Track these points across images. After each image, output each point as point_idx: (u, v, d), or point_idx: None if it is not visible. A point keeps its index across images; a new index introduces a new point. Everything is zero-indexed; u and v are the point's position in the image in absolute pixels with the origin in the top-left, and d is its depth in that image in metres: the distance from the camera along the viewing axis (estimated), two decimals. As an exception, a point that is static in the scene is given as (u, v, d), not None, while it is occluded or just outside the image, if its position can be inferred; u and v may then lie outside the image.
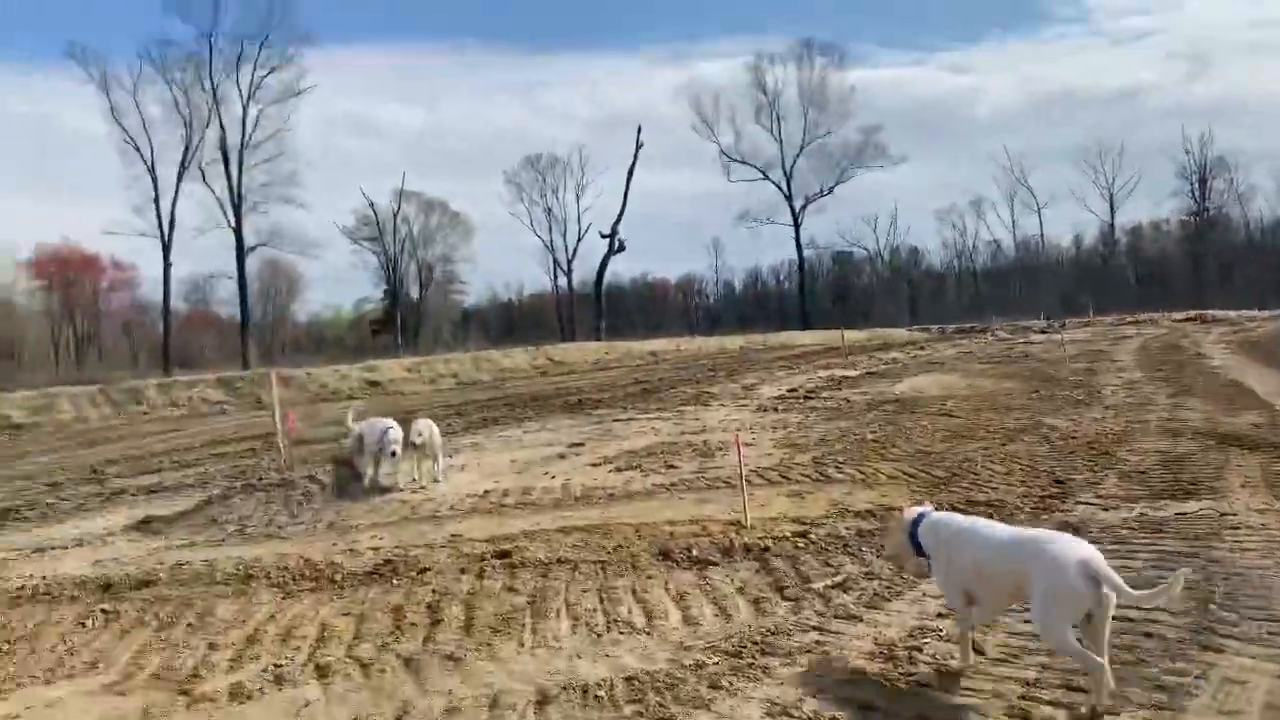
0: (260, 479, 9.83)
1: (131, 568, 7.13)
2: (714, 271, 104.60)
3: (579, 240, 77.83)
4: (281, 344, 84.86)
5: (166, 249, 52.97)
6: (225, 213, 53.58)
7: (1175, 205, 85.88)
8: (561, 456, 12.00)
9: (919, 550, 4.82)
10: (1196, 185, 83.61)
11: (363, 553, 7.35)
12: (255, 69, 54.09)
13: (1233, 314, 56.56)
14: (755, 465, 10.32)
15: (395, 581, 6.21)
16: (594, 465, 11.14)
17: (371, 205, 75.03)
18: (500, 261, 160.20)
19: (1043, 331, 47.21)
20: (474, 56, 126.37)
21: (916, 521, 4.85)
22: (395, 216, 77.29)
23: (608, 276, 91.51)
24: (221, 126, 53.38)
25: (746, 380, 22.82)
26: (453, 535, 7.73)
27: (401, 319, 79.75)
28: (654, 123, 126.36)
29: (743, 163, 78.76)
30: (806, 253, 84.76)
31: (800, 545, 6.72)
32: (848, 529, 7.30)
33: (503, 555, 6.62)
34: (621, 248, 66.75)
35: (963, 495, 8.29)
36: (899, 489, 8.78)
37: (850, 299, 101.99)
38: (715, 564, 6.34)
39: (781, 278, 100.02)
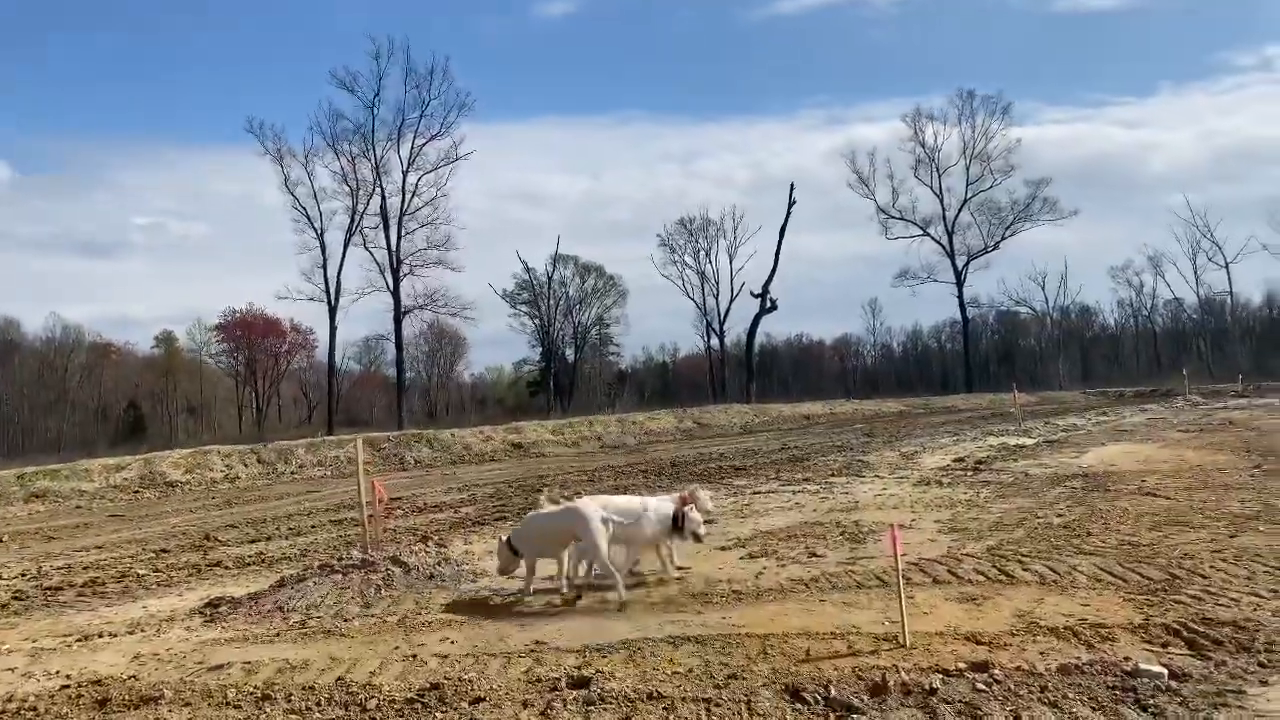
0: (340, 559, 8.84)
1: (169, 667, 6.14)
2: (871, 333, 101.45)
3: (731, 301, 76.49)
4: (445, 404, 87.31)
5: (333, 312, 54.95)
6: (384, 276, 55.28)
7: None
8: (688, 536, 10.53)
9: None
10: None
11: (426, 660, 6.11)
12: (415, 137, 56.11)
13: None
14: (917, 556, 8.57)
15: (439, 715, 4.90)
16: (723, 549, 9.62)
17: (527, 269, 76.38)
18: (657, 324, 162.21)
19: (1239, 395, 42.53)
20: (638, 127, 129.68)
21: None
22: (550, 280, 78.33)
23: (760, 338, 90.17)
24: (382, 193, 55.40)
25: (906, 447, 20.77)
26: (536, 642, 6.39)
27: (556, 380, 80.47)
28: (809, 185, 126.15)
29: (901, 219, 76.00)
30: (970, 313, 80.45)
31: (981, 685, 5.01)
32: (1043, 657, 5.54)
33: (580, 684, 5.19)
34: (773, 307, 65.09)
35: (1194, 610, 6.34)
36: (1105, 596, 6.88)
37: (1016, 360, 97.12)
38: (861, 712, 4.71)
39: (943, 339, 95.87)
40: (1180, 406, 33.91)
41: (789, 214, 66.05)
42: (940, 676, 5.11)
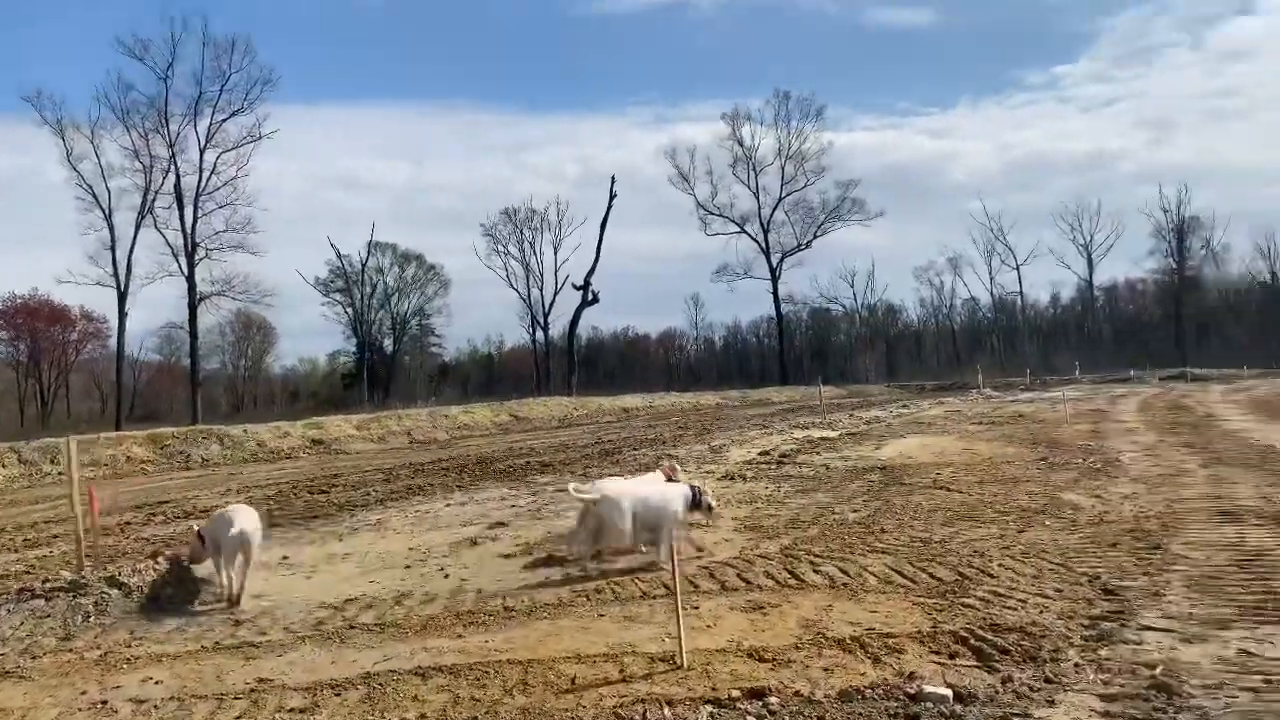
0: (46, 580, 7.48)
1: None
2: (694, 327, 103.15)
3: (555, 293, 75.79)
4: (253, 397, 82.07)
5: (122, 298, 50.44)
6: (178, 260, 51.19)
7: (1152, 264, 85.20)
8: (474, 542, 9.67)
9: None
10: (1174, 244, 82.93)
11: (117, 709, 5.02)
12: (215, 113, 52.24)
13: (1213, 372, 55.17)
14: (709, 559, 8.05)
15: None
16: (508, 556, 8.82)
17: (339, 256, 73.00)
18: (482, 315, 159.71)
19: (1027, 388, 45.44)
20: (463, 116, 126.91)
21: None
22: (364, 267, 75.16)
23: (586, 330, 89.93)
24: (177, 171, 51.30)
25: (716, 440, 20.58)
26: (260, 680, 5.39)
27: (373, 373, 77.29)
28: (636, 182, 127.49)
29: (720, 216, 77.48)
30: (785, 309, 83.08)
31: (755, 714, 4.43)
32: (827, 675, 5.04)
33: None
34: (595, 300, 64.83)
35: (982, 614, 6.03)
36: (894, 599, 6.52)
37: (828, 355, 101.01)
38: (615, 761, 4.03)
39: (761, 334, 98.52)
40: (974, 399, 35.73)
41: (610, 207, 66.07)
42: (710, 710, 4.50)
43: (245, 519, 7.56)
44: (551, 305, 77.28)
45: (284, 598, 7.57)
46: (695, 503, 8.23)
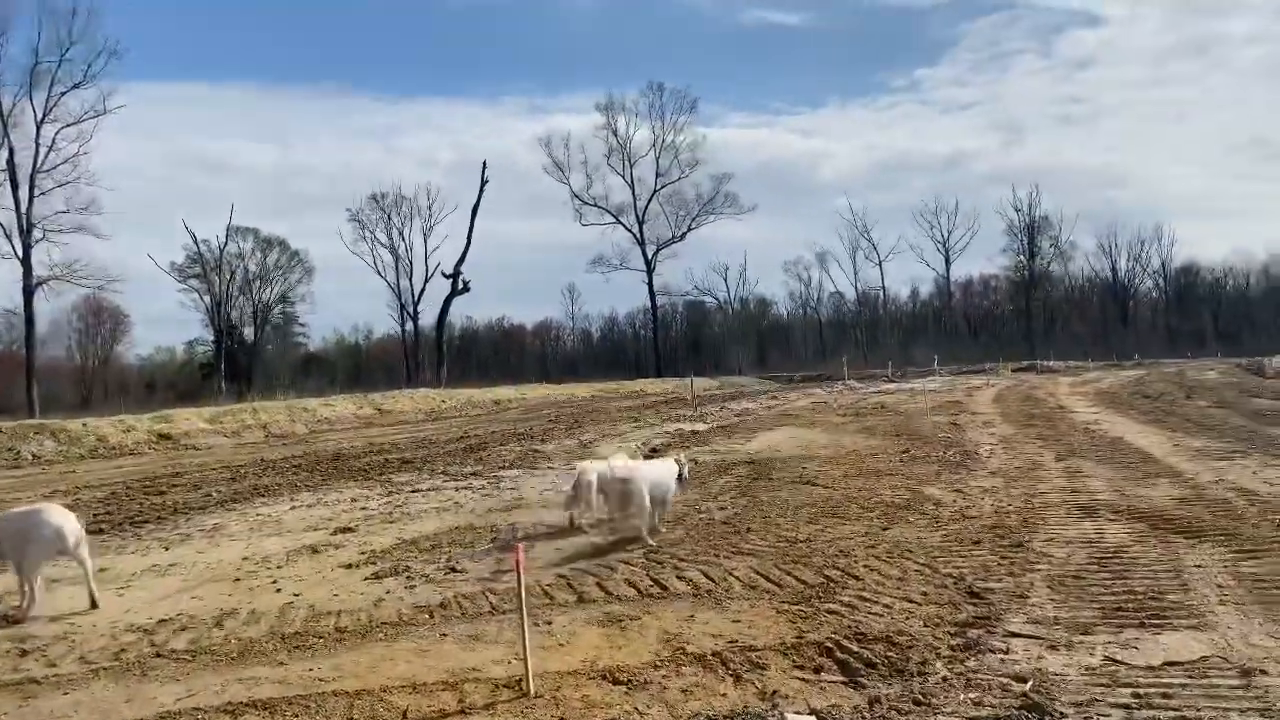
0: None
1: None
2: (570, 318, 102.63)
3: (425, 282, 73.73)
4: (104, 389, 76.80)
5: (-51, 282, 46.19)
6: (11, 241, 47.28)
7: (1005, 262, 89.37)
8: (315, 550, 8.92)
9: None
10: (1025, 242, 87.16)
11: None
12: (53, 85, 48.40)
13: (1060, 365, 58.23)
14: (566, 568, 7.57)
15: None
16: (349, 566, 8.13)
17: (195, 240, 69.19)
18: (350, 305, 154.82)
19: (889, 380, 46.77)
20: (334, 100, 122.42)
21: None
22: (222, 252, 71.48)
23: (460, 320, 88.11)
24: (10, 147, 47.30)
25: (585, 435, 20.15)
26: (28, 729, 4.64)
27: (233, 363, 73.67)
28: (512, 171, 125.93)
29: (594, 205, 77.11)
30: (660, 300, 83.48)
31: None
32: (685, 697, 4.65)
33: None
34: (465, 289, 63.46)
35: (848, 621, 5.76)
36: (759, 606, 6.19)
37: (703, 347, 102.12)
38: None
39: (637, 325, 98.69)
40: (840, 391, 36.45)
41: (481, 193, 64.77)
42: (555, 748, 4.03)
43: (60, 516, 6.89)
44: (421, 294, 75.29)
45: (88, 619, 6.72)
46: (680, 478, 9.12)
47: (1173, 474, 10.61)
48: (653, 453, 15.70)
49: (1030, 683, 4.57)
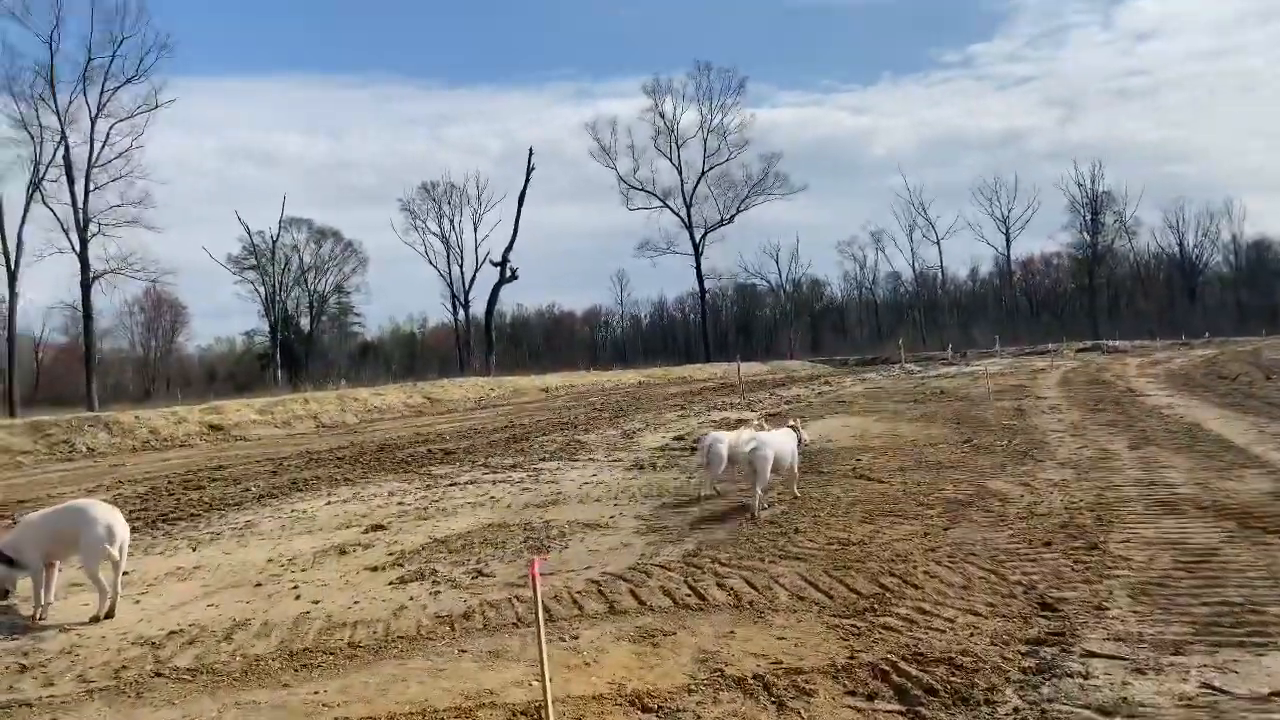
0: None
1: None
2: (619, 304, 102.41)
3: (476, 270, 73.98)
4: (166, 380, 78.49)
5: (12, 277, 47.08)
6: (69, 236, 48.21)
7: (1067, 239, 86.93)
8: (342, 551, 8.55)
9: None
10: (1088, 219, 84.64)
11: None
12: (106, 80, 49.20)
13: (1125, 344, 56.33)
14: (599, 572, 7.08)
15: None
16: (375, 569, 7.74)
17: (249, 232, 70.12)
18: (405, 294, 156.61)
19: (948, 363, 45.58)
20: (383, 89, 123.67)
21: None
22: (274, 244, 72.37)
23: (511, 308, 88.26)
24: (66, 142, 48.17)
25: (631, 424, 19.67)
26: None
27: (290, 353, 74.68)
28: (559, 157, 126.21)
29: (641, 189, 76.56)
30: (709, 284, 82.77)
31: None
32: (719, 735, 4.14)
33: None
34: (514, 276, 63.35)
35: (905, 639, 5.19)
36: (806, 620, 5.65)
37: (754, 331, 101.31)
38: None
39: (686, 309, 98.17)
40: (897, 375, 35.49)
41: (528, 180, 64.57)
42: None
43: (107, 513, 6.86)
44: (472, 282, 75.59)
45: (97, 631, 6.39)
46: (800, 443, 10.20)
47: (1259, 464, 9.78)
48: (696, 446, 15.17)
49: (1104, 705, 3.97)
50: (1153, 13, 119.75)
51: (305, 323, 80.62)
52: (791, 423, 10.57)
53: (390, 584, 7.21)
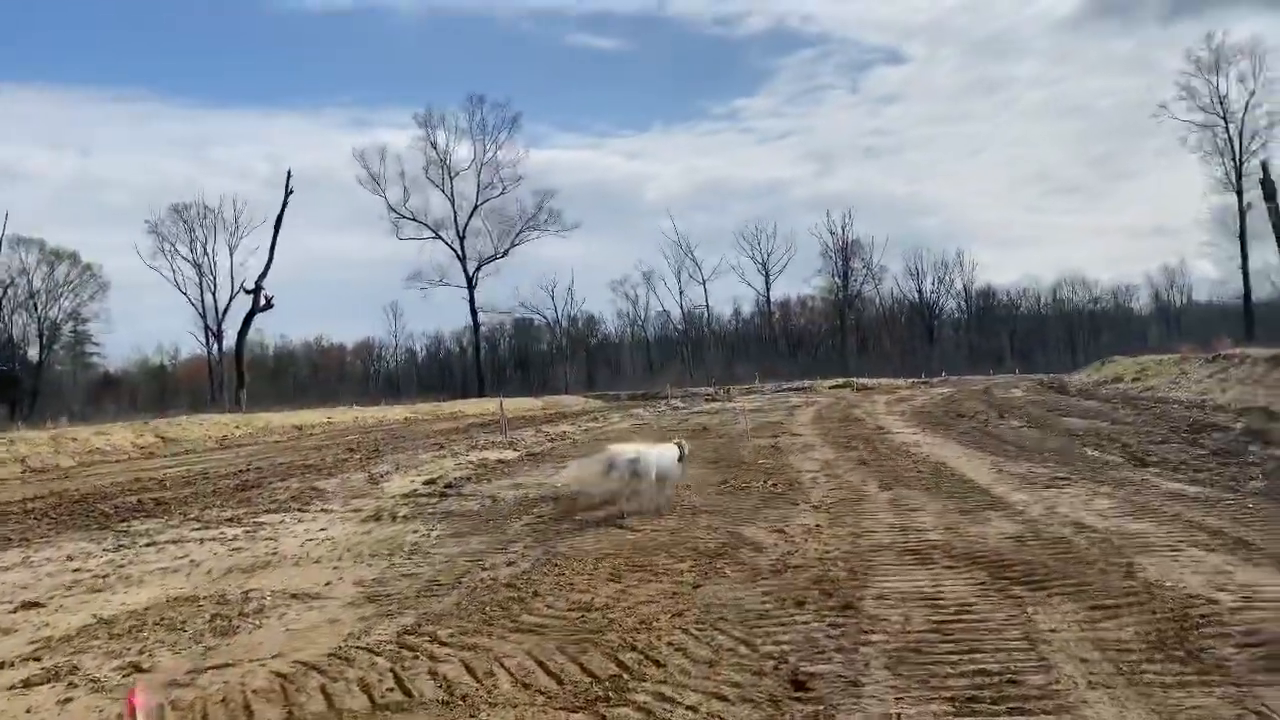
0: None
1: None
2: (393, 336, 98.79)
3: (231, 299, 68.69)
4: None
5: None
6: None
7: (821, 283, 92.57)
8: (-35, 643, 6.78)
9: None
10: (839, 265, 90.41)
11: None
12: None
13: (873, 381, 60.11)
14: (289, 661, 5.84)
15: None
16: (-2, 668, 6.10)
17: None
18: (157, 323, 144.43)
19: (712, 399, 46.61)
20: (140, 105, 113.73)
21: None
22: (-7, 267, 64.26)
23: (275, 340, 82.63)
24: None
25: (381, 466, 18.15)
26: None
27: (12, 385, 66.19)
28: (334, 185, 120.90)
29: (413, 219, 74.33)
30: (486, 318, 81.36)
31: None
32: None
33: None
34: (269, 305, 59.14)
35: (641, 737, 4.37)
36: (525, 719, 4.72)
37: (531, 366, 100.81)
38: None
39: (464, 343, 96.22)
40: (663, 411, 35.67)
41: (286, 203, 60.79)
42: None
43: None
44: (226, 312, 70.29)
45: None
46: (681, 458, 11.10)
47: (1003, 506, 9.86)
48: (447, 490, 14.01)
49: None
50: (895, 79, 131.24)
51: (35, 353, 72.04)
52: (678, 440, 11.55)
53: (10, 689, 5.63)
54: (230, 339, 69.74)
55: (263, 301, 58.08)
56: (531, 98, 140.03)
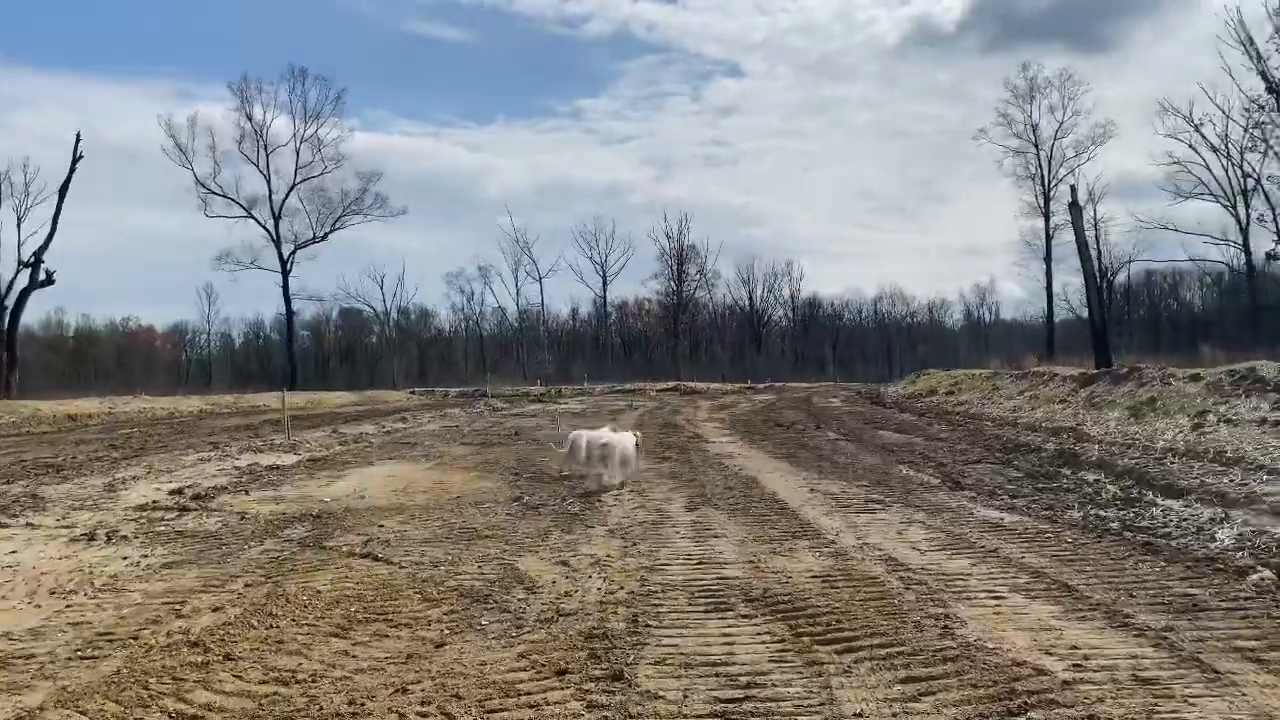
0: None
1: None
2: (206, 321, 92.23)
3: (16, 275, 61.72)
4: None
5: None
6: None
7: (658, 286, 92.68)
8: None
9: None
10: (675, 269, 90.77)
11: None
12: None
13: (704, 385, 60.29)
14: None
15: None
16: None
17: None
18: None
19: (539, 400, 45.21)
20: None
21: None
22: None
23: (76, 320, 75.49)
24: None
25: (134, 469, 15.73)
26: None
27: None
28: (150, 159, 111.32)
29: (222, 195, 69.19)
30: (308, 305, 76.92)
31: None
32: None
33: None
34: (49, 280, 53.40)
35: None
36: None
37: (358, 358, 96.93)
38: None
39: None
40: (480, 411, 33.97)
41: (72, 170, 55.04)
42: None
43: None
44: (9, 287, 63.09)
45: None
46: (637, 445, 12.86)
47: (812, 534, 8.89)
48: (193, 502, 12.01)
49: None
50: (734, 91, 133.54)
51: None
52: (634, 431, 13.30)
53: None
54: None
55: (42, 275, 52.36)
56: (369, 83, 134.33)
